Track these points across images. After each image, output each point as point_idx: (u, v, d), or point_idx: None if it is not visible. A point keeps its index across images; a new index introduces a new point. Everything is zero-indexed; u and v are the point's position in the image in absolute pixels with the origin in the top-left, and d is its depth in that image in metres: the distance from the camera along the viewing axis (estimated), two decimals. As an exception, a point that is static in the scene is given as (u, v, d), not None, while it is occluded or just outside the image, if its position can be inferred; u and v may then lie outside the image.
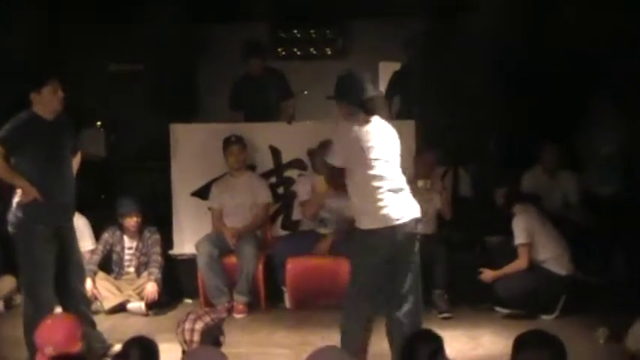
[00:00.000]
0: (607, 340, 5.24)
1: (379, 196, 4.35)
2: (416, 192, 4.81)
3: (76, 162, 5.23)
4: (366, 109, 4.41)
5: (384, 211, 4.35)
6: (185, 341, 3.68)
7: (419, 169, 6.36)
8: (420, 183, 6.16)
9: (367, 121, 4.41)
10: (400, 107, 7.52)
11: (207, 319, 3.73)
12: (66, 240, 5.04)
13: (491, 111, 7.33)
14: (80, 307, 5.09)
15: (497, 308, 6.08)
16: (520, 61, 7.26)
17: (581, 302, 5.93)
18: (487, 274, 6.05)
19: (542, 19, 7.21)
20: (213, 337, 3.71)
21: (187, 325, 3.69)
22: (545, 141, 6.94)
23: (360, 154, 4.35)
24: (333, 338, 5.51)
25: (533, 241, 5.98)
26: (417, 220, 4.46)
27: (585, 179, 6.99)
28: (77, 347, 3.58)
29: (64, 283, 5.01)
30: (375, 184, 4.36)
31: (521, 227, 5.98)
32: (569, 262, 6.05)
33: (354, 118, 4.42)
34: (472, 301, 6.25)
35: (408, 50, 7.38)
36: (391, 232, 4.35)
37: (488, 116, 7.37)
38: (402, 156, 4.60)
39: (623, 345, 4.83)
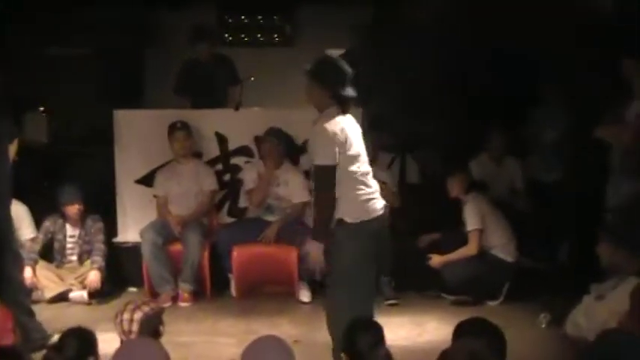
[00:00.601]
0: (549, 325, 5.32)
1: (362, 190, 4.20)
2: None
3: (12, 148, 5.08)
4: (340, 105, 4.15)
5: (368, 204, 4.22)
6: (124, 332, 3.60)
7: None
8: None
9: (343, 115, 4.18)
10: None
11: (147, 308, 3.65)
12: (2, 229, 4.90)
13: (437, 98, 7.35)
14: (18, 296, 4.95)
15: (444, 295, 6.12)
16: (466, 48, 7.28)
17: (525, 288, 6.00)
18: (435, 260, 6.10)
19: (489, 5, 7.24)
20: (152, 327, 3.64)
21: (126, 316, 3.61)
22: (491, 128, 6.99)
23: (345, 147, 4.12)
24: (278, 326, 5.53)
25: (484, 228, 6.03)
26: (387, 208, 4.41)
27: (530, 166, 7.07)
28: (9, 339, 3.47)
29: (1, 271, 4.87)
30: (358, 177, 4.20)
31: (473, 214, 6.04)
32: (515, 249, 6.11)
33: (322, 106, 4.16)
34: (418, 288, 6.29)
35: (353, 36, 7.34)
36: (373, 223, 4.24)
37: (435, 103, 7.39)
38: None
39: (563, 330, 4.90)
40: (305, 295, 6.17)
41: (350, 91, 4.17)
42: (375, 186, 4.32)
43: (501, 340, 2.98)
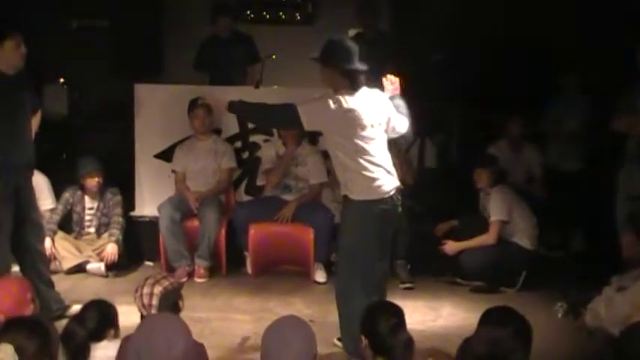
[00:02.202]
0: (565, 315, 5.30)
1: (369, 169, 4.26)
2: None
3: (36, 120, 5.10)
4: (351, 80, 4.25)
5: (374, 184, 4.27)
6: (143, 305, 3.60)
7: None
8: None
9: (353, 94, 4.26)
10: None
11: (166, 283, 3.65)
12: (24, 198, 4.92)
13: (458, 82, 7.31)
14: (38, 265, 5.00)
15: (459, 280, 6.11)
16: (487, 33, 7.24)
17: (542, 276, 5.98)
18: (451, 246, 6.05)
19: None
20: (171, 301, 3.64)
21: (146, 290, 3.61)
22: (510, 114, 6.95)
23: (349, 127, 4.22)
24: (293, 305, 5.55)
25: (510, 219, 6.00)
26: (400, 190, 4.42)
27: (549, 154, 7.04)
28: (28, 310, 3.49)
29: (22, 241, 4.90)
30: (365, 156, 4.26)
31: (501, 205, 5.99)
32: (536, 237, 6.08)
33: (336, 86, 4.28)
34: (434, 272, 6.26)
35: (362, 16, 7.22)
36: (380, 204, 4.29)
37: (455, 88, 7.35)
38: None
39: (581, 320, 4.88)
40: (321, 276, 6.17)
41: (358, 66, 4.27)
42: (387, 167, 4.34)
43: (528, 331, 2.94)
